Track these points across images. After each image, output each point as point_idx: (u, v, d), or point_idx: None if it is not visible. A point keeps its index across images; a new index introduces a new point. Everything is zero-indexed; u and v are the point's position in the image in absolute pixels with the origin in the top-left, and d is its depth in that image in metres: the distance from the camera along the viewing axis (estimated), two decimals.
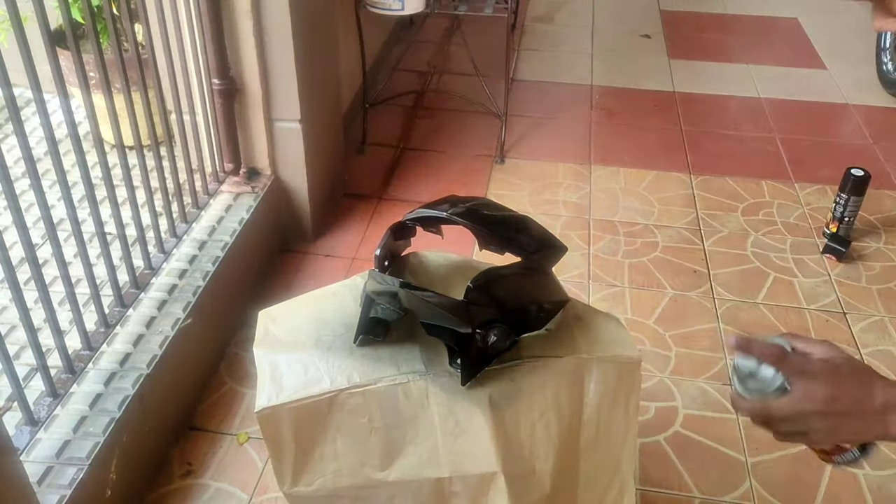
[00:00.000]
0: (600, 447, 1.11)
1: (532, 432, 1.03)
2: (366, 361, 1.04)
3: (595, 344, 1.10)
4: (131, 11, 1.61)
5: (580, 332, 1.11)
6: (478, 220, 1.10)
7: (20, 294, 1.26)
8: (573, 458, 1.10)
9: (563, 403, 1.06)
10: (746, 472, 1.67)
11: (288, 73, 1.99)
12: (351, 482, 1.03)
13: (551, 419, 1.04)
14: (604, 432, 1.10)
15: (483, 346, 1.01)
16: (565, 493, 1.10)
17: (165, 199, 1.77)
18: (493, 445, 1.00)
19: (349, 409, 1.01)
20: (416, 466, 1.01)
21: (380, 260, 1.14)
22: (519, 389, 1.04)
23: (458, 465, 1.00)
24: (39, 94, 1.25)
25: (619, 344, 1.10)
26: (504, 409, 1.02)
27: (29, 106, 2.49)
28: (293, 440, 1.03)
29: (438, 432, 1.01)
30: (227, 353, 1.91)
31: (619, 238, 2.38)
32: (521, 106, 3.11)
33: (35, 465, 1.33)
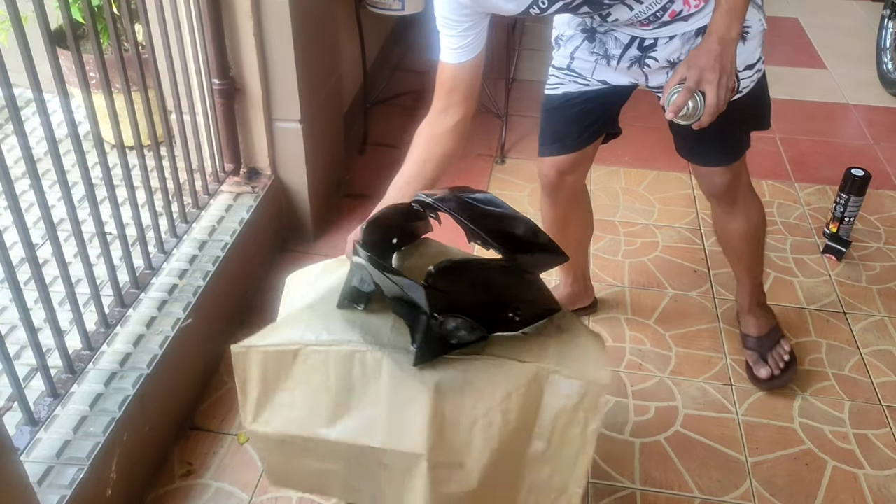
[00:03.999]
0: (549, 463, 1.09)
1: (471, 427, 1.04)
2: (338, 325, 1.09)
3: (565, 359, 1.08)
4: (131, 11, 1.61)
5: (555, 344, 1.10)
6: (463, 210, 1.09)
7: (20, 294, 1.26)
8: (515, 465, 1.09)
9: (513, 409, 1.05)
10: (746, 472, 1.67)
11: (288, 73, 1.99)
12: (299, 432, 1.08)
13: (495, 420, 1.04)
14: (555, 449, 1.08)
15: (441, 332, 1.02)
16: (500, 497, 1.11)
17: (165, 199, 1.77)
18: (427, 429, 1.02)
19: (311, 364, 1.07)
20: (356, 431, 1.06)
21: (367, 232, 1.14)
22: (469, 383, 1.04)
23: (391, 439, 1.04)
24: (39, 94, 1.25)
25: (591, 365, 1.08)
26: (448, 398, 1.03)
27: (29, 106, 2.49)
28: (259, 381, 1.10)
29: (383, 404, 1.04)
30: (228, 353, 1.90)
31: (619, 238, 2.38)
32: (522, 106, 3.11)
33: (35, 465, 1.33)
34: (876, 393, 1.87)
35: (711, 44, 1.21)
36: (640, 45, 1.47)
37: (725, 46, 1.20)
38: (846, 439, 1.75)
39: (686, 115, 1.21)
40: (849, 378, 1.91)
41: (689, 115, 1.21)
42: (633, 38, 1.46)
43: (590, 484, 1.63)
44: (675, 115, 1.21)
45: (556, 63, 1.65)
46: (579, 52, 1.57)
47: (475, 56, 1.39)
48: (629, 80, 1.57)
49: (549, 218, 1.88)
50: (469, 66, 1.40)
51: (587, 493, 1.61)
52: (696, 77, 1.19)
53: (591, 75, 1.59)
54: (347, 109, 2.72)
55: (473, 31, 1.36)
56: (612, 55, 1.51)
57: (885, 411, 1.82)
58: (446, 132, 1.44)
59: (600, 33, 1.51)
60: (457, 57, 1.38)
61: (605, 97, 1.62)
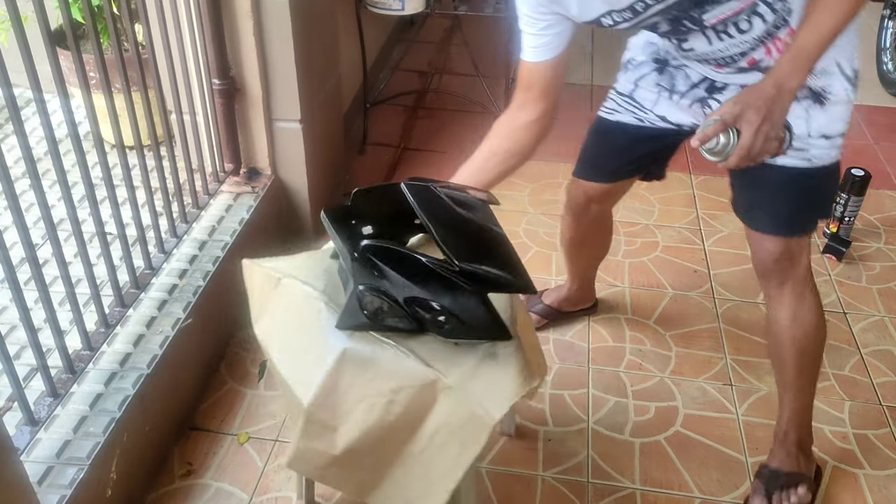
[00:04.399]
0: (419, 468, 1.15)
1: (357, 402, 1.12)
2: (316, 271, 1.23)
3: (473, 382, 1.09)
4: (131, 11, 1.61)
5: (476, 365, 1.10)
6: (422, 202, 1.09)
7: (20, 294, 1.26)
8: (387, 454, 1.16)
9: (400, 402, 1.10)
10: (746, 472, 1.67)
11: (288, 73, 1.99)
12: (266, 344, 1.25)
13: (377, 406, 1.11)
14: (426, 460, 1.13)
15: (367, 307, 1.08)
16: (361, 475, 1.21)
17: (166, 199, 1.77)
18: (317, 386, 1.12)
19: (285, 293, 1.23)
20: (287, 360, 1.20)
21: (356, 197, 1.17)
22: (371, 362, 1.10)
23: (297, 380, 1.16)
24: (39, 94, 1.25)
25: (493, 398, 1.08)
26: (347, 367, 1.12)
27: (29, 106, 2.49)
28: (257, 293, 1.31)
29: (308, 347, 1.17)
30: (228, 353, 1.91)
31: (619, 238, 2.38)
32: None
33: (35, 465, 1.33)
34: (876, 393, 1.87)
35: (766, 85, 1.13)
36: (709, 86, 1.42)
37: (781, 93, 1.12)
38: (846, 439, 1.75)
39: (713, 149, 1.14)
40: (849, 378, 1.91)
41: (716, 150, 1.14)
42: (703, 78, 1.42)
43: (590, 484, 1.63)
44: (701, 144, 1.14)
45: (618, 87, 1.60)
46: (645, 80, 1.53)
47: (553, 56, 1.36)
48: (688, 120, 1.50)
49: (566, 236, 1.87)
50: (547, 66, 1.38)
51: (587, 492, 1.61)
52: (737, 113, 1.12)
53: (651, 107, 1.54)
54: (347, 109, 2.72)
55: (552, 31, 1.33)
56: (677, 90, 1.47)
57: (885, 411, 1.82)
58: (519, 128, 1.43)
59: (672, 66, 1.47)
60: (535, 55, 1.37)
61: (658, 138, 1.57)
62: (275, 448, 1.68)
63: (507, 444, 1.70)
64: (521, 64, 1.40)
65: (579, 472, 1.65)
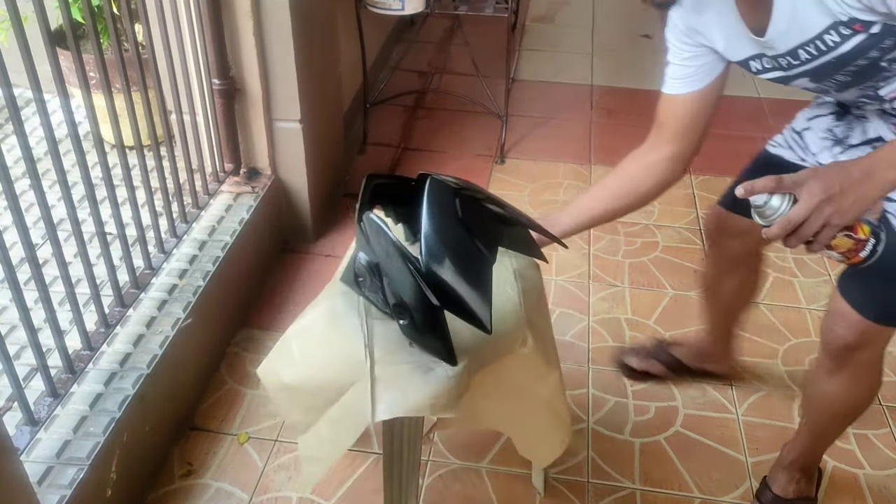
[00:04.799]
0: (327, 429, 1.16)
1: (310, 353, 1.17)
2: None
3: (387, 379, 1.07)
4: (131, 11, 1.61)
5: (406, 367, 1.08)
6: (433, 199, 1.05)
7: (20, 294, 1.26)
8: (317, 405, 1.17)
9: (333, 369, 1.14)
10: (746, 472, 1.67)
11: (288, 73, 1.99)
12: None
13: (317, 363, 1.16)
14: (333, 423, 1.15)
15: (354, 270, 1.11)
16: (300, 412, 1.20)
17: (165, 199, 1.77)
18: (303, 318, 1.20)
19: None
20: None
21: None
22: (338, 323, 1.15)
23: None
24: (39, 94, 1.25)
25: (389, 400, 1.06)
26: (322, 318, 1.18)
27: (29, 106, 2.49)
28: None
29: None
30: (227, 353, 1.91)
31: (619, 238, 2.38)
32: (522, 106, 3.11)
33: (35, 465, 1.33)
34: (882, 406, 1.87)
35: (854, 167, 0.97)
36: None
37: (868, 180, 0.95)
38: (846, 439, 1.74)
39: (760, 207, 0.99)
40: None
41: (762, 208, 0.99)
42: (878, 137, 1.23)
43: (590, 484, 1.63)
44: (747, 193, 0.98)
45: (793, 123, 1.43)
46: (819, 122, 1.36)
47: (693, 90, 1.26)
48: None
49: (702, 269, 1.71)
50: (684, 101, 1.27)
51: (587, 492, 1.61)
52: (801, 179, 0.96)
53: (816, 152, 1.34)
54: (347, 109, 2.72)
55: (696, 63, 1.24)
56: (848, 142, 1.29)
57: (885, 411, 1.82)
58: (641, 168, 1.33)
59: (853, 115, 1.30)
60: (672, 86, 1.28)
61: None
62: (275, 448, 1.68)
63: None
64: (660, 99, 1.30)
65: (579, 472, 1.65)
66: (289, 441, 1.70)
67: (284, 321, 1.99)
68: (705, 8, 1.18)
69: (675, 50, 1.25)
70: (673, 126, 1.29)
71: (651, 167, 1.32)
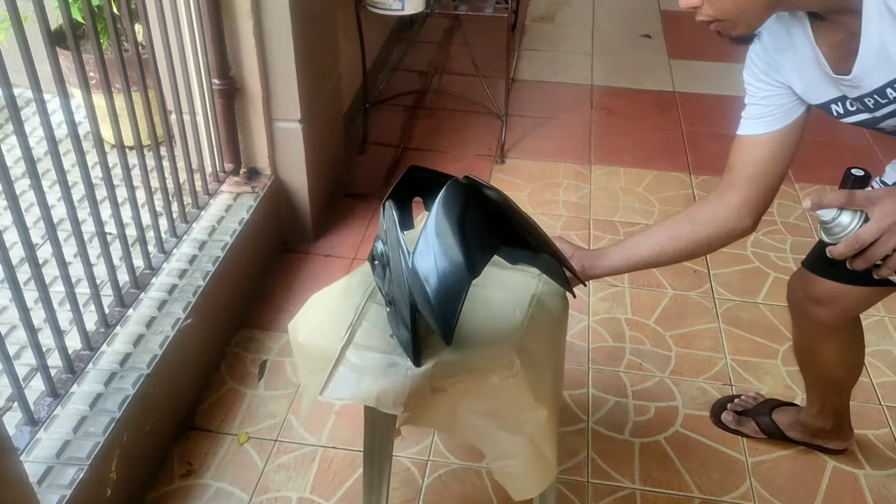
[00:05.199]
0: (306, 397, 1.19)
1: (311, 314, 1.22)
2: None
3: (346, 362, 1.11)
4: (131, 11, 1.61)
5: (373, 357, 1.11)
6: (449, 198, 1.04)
7: (20, 294, 1.26)
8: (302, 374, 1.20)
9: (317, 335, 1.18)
10: (746, 472, 1.67)
11: (288, 73, 1.99)
12: None
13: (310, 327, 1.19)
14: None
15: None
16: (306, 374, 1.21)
17: (165, 199, 1.77)
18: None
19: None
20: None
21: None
22: (344, 293, 1.20)
23: None
24: (39, 94, 1.25)
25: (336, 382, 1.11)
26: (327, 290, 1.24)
27: (29, 106, 2.49)
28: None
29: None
30: (227, 353, 1.91)
31: (619, 238, 2.38)
32: (522, 106, 3.11)
33: (35, 465, 1.33)
34: (876, 393, 1.87)
35: None
36: None
37: None
38: None
39: (828, 222, 0.93)
40: None
41: (830, 224, 0.93)
42: None
43: (590, 484, 1.63)
44: (816, 206, 0.92)
45: (885, 175, 1.32)
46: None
47: (768, 132, 1.17)
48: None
49: (793, 337, 1.57)
50: (758, 143, 1.18)
51: (587, 492, 1.61)
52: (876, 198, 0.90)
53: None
54: (347, 109, 2.72)
55: (772, 102, 1.16)
56: None
57: (885, 411, 1.82)
58: (707, 213, 1.23)
59: None
60: (746, 127, 1.19)
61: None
62: (275, 448, 1.68)
63: None
64: (733, 142, 1.22)
65: (579, 472, 1.65)
66: (289, 441, 1.70)
67: (284, 321, 1.99)
68: (785, 46, 1.12)
69: (752, 89, 1.18)
70: (743, 170, 1.20)
71: (716, 213, 1.23)
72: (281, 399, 1.79)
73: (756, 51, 1.17)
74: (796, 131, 1.18)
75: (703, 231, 1.24)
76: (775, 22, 1.11)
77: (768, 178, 1.20)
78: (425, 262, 1.01)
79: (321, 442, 1.70)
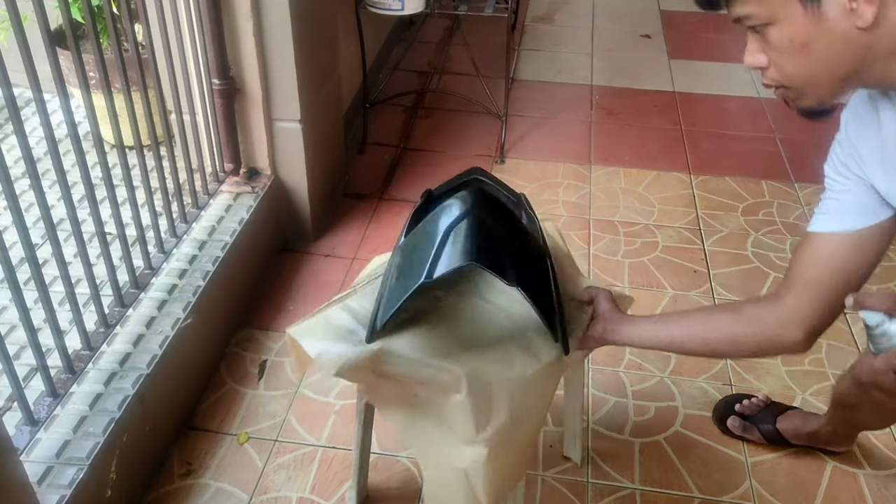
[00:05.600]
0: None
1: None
2: None
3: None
4: (131, 11, 1.61)
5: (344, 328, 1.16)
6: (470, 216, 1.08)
7: (20, 294, 1.26)
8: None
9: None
10: (746, 472, 1.67)
11: (288, 73, 1.99)
12: None
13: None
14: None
15: None
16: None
17: (165, 199, 1.77)
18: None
19: None
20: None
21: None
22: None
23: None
24: (39, 94, 1.25)
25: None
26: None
27: (29, 106, 2.49)
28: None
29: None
30: (227, 353, 1.91)
31: (619, 238, 2.38)
32: (521, 106, 3.11)
33: (35, 465, 1.33)
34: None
35: None
36: None
37: None
38: None
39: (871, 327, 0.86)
40: None
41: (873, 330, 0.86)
42: None
43: (590, 484, 1.63)
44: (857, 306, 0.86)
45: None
46: None
47: (838, 231, 1.01)
48: None
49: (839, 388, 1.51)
50: (826, 242, 1.02)
51: (587, 492, 1.61)
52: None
53: None
54: (347, 109, 2.72)
55: (848, 198, 1.01)
56: None
57: None
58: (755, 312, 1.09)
59: None
60: (815, 222, 1.04)
61: None
62: (274, 448, 1.68)
63: None
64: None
65: (579, 473, 1.65)
66: (288, 441, 1.70)
67: (284, 321, 1.99)
68: (870, 132, 0.97)
69: (829, 182, 1.04)
70: (802, 271, 1.05)
71: (763, 312, 1.08)
72: (281, 399, 1.79)
73: (839, 138, 1.04)
74: (876, 240, 1.00)
75: (745, 328, 1.08)
76: (864, 102, 0.98)
77: (830, 288, 1.02)
78: (402, 255, 1.06)
79: (321, 442, 1.70)
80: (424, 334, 1.13)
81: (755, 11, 0.88)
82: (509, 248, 1.05)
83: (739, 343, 1.09)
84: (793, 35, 0.87)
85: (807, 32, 0.86)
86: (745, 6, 0.88)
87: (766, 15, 0.87)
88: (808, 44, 0.87)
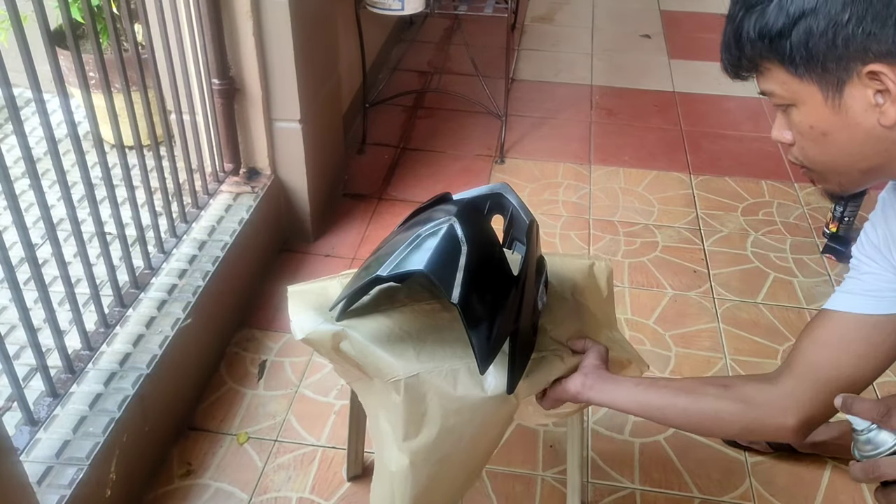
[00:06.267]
0: None
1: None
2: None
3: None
4: (131, 11, 1.61)
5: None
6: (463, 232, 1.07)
7: (20, 294, 1.26)
8: None
9: None
10: (746, 472, 1.67)
11: (288, 73, 1.99)
12: None
13: None
14: None
15: None
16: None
17: (165, 199, 1.77)
18: None
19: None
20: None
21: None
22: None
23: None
24: (39, 94, 1.25)
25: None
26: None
27: (29, 106, 2.49)
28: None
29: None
30: (227, 353, 1.91)
31: (618, 238, 2.38)
32: (521, 106, 3.11)
33: (35, 465, 1.33)
34: (876, 393, 1.87)
35: None
36: None
37: None
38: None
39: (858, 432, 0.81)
40: None
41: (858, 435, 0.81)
42: None
43: (590, 483, 1.63)
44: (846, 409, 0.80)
45: None
46: None
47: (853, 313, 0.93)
48: None
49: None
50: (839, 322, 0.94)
51: (587, 492, 1.61)
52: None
53: None
54: (347, 109, 2.73)
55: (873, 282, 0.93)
56: None
57: None
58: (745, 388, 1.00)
59: None
60: (834, 300, 0.96)
61: None
62: (274, 448, 1.68)
63: (506, 443, 1.70)
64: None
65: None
66: (288, 441, 1.70)
67: (284, 321, 1.99)
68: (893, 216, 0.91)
69: (855, 262, 0.97)
70: (807, 352, 0.96)
71: (755, 391, 0.99)
72: (281, 399, 1.79)
73: (873, 219, 0.99)
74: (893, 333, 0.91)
75: (730, 406, 1.00)
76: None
77: (835, 374, 0.93)
78: (385, 242, 1.10)
79: (321, 442, 1.70)
80: (392, 329, 1.14)
81: (778, 91, 0.85)
82: (471, 267, 1.01)
83: (724, 420, 1.01)
84: (813, 122, 0.84)
85: (827, 122, 0.83)
86: (769, 83, 0.86)
87: (788, 97, 0.85)
88: (828, 133, 0.84)
